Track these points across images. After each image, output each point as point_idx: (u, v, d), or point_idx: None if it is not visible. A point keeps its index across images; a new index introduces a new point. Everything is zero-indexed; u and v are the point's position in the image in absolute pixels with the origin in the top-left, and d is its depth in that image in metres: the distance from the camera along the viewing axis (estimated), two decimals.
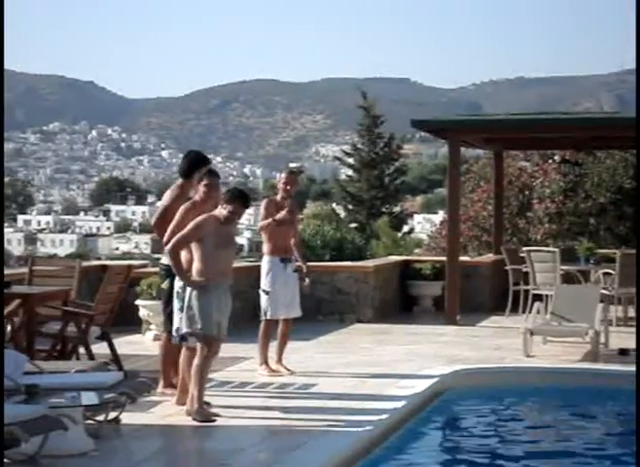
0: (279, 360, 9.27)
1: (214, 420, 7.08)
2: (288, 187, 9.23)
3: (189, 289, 7.22)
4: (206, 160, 8.19)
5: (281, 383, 8.74)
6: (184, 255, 7.29)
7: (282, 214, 8.98)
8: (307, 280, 9.33)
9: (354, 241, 17.26)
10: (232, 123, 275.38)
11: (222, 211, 7.26)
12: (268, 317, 9.21)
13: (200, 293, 7.17)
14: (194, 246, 7.24)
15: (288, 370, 9.18)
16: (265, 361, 9.18)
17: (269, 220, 9.05)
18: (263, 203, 9.33)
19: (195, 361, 7.19)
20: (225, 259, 7.30)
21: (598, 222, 21.36)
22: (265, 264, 9.23)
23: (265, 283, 9.20)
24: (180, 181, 8.16)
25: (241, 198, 7.30)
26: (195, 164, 8.05)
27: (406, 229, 46.25)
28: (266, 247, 9.22)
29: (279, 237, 9.11)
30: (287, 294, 9.17)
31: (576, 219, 21.33)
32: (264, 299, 9.21)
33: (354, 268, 14.05)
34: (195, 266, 7.23)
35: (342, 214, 44.80)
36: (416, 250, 29.13)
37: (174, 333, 7.59)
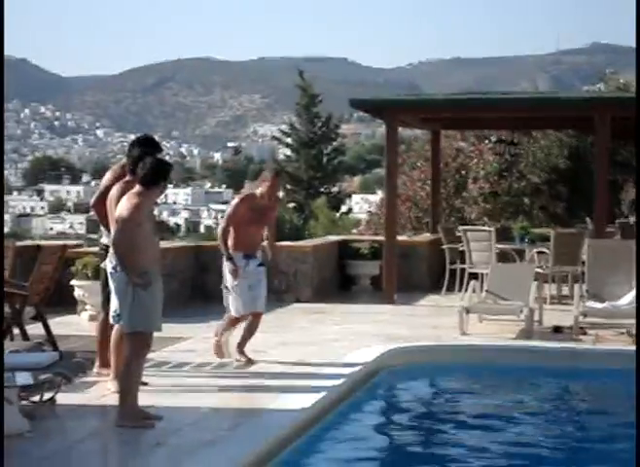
0: (241, 349, 8.87)
1: (149, 426, 6.41)
2: (272, 190, 8.87)
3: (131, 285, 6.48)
4: (161, 147, 8.02)
5: (219, 363, 8.72)
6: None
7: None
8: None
9: (292, 221, 17.32)
10: (169, 102, 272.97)
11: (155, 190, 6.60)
12: (233, 314, 8.85)
13: (146, 289, 6.48)
14: (129, 235, 6.45)
15: (250, 360, 8.80)
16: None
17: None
18: (238, 197, 8.97)
19: (129, 359, 6.53)
20: (157, 243, 6.75)
21: (532, 201, 21.66)
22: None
23: (227, 279, 8.82)
24: (123, 161, 8.01)
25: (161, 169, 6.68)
26: (153, 147, 7.82)
27: (344, 209, 46.44)
28: (230, 241, 8.76)
29: (246, 235, 8.72)
30: (251, 289, 8.78)
31: (510, 199, 21.59)
32: (225, 295, 8.87)
33: (292, 247, 14.04)
34: (134, 257, 6.46)
35: (281, 194, 44.80)
36: (354, 230, 29.25)
37: (113, 313, 7.50)
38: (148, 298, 6.51)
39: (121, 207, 6.57)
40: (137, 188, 6.60)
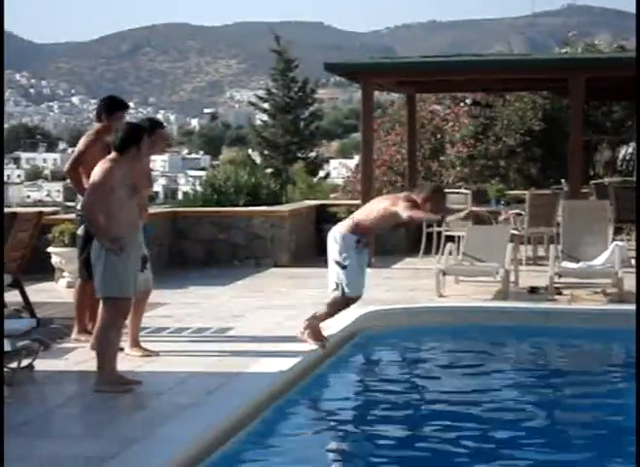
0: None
1: (127, 391, 6.48)
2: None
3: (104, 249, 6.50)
4: (124, 103, 8.06)
5: (197, 328, 8.76)
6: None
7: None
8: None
9: (269, 187, 17.26)
10: (145, 68, 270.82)
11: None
12: (348, 293, 7.83)
13: (119, 254, 6.50)
14: (101, 200, 6.46)
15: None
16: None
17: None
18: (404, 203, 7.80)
19: (105, 324, 6.54)
20: (133, 209, 6.70)
21: (508, 164, 21.74)
22: (343, 237, 7.88)
23: (342, 257, 7.85)
24: (96, 126, 8.01)
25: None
26: (115, 107, 7.88)
27: (322, 174, 46.37)
28: (358, 223, 7.87)
29: (377, 229, 8.13)
30: (361, 270, 8.01)
31: (487, 162, 21.67)
32: (341, 272, 7.85)
33: (269, 212, 14.06)
34: (107, 223, 6.48)
35: (258, 160, 44.65)
36: (332, 195, 29.27)
37: None
38: (120, 264, 6.51)
39: (93, 173, 6.60)
40: (112, 154, 6.63)
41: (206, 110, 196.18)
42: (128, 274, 6.60)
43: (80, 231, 7.91)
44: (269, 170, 38.25)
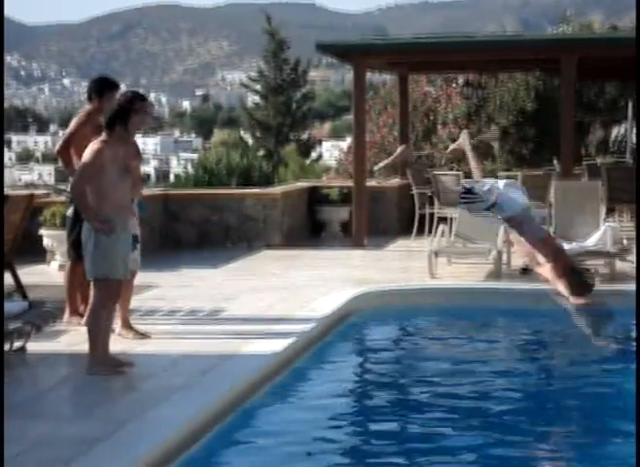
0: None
1: (120, 373, 6.50)
2: None
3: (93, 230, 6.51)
4: (115, 84, 8.03)
5: (190, 310, 8.75)
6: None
7: None
8: None
9: (261, 168, 17.25)
10: (136, 49, 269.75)
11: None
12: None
13: (109, 235, 6.48)
14: (90, 180, 6.44)
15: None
16: None
17: None
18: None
19: (95, 305, 6.52)
20: (125, 189, 6.63)
21: (501, 145, 21.72)
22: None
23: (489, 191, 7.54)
24: (87, 107, 7.98)
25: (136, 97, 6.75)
26: (106, 87, 7.85)
27: (314, 155, 46.31)
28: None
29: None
30: None
31: (479, 143, 21.64)
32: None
33: (261, 194, 14.04)
34: (98, 203, 6.46)
35: (250, 141, 44.58)
36: (324, 176, 29.28)
37: None
38: (110, 245, 6.49)
39: (84, 154, 6.58)
40: (102, 135, 6.61)
41: (198, 92, 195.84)
42: (118, 256, 6.57)
43: (69, 211, 7.89)
44: (262, 152, 38.22)
